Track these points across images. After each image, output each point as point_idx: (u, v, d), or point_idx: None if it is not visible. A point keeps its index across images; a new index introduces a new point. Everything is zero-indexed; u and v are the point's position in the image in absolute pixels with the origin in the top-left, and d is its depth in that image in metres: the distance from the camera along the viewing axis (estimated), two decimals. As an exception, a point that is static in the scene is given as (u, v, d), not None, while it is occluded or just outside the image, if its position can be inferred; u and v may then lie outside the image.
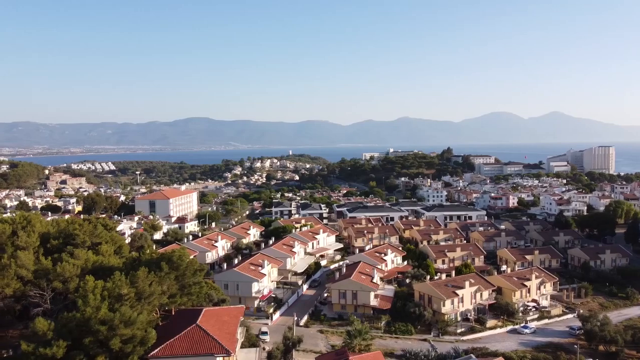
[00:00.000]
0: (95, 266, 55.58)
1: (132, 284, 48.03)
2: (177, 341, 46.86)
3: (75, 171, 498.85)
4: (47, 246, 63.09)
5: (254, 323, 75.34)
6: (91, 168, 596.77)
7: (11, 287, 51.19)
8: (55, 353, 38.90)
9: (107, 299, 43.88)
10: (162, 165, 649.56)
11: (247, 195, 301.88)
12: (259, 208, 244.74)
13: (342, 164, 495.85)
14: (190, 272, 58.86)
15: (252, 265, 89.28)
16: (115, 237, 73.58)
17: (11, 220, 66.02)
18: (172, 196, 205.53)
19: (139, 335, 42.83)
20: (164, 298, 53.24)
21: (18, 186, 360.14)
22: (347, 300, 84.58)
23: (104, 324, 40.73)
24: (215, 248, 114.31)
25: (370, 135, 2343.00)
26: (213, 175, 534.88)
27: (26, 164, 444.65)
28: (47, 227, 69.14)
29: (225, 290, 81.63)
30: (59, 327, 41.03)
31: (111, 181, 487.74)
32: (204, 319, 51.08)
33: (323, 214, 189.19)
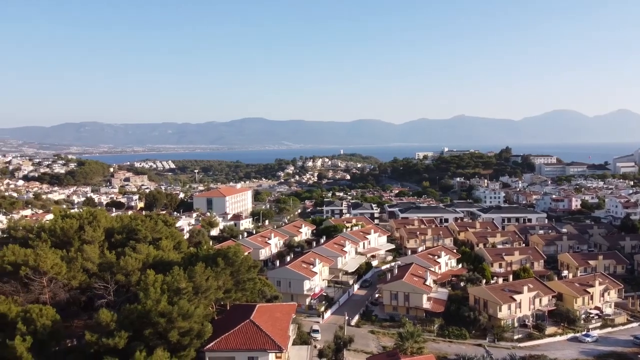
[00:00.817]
0: (156, 260, 57.91)
1: (190, 278, 49.75)
2: (232, 336, 48.09)
3: (137, 169, 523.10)
4: (112, 240, 66.48)
5: (305, 321, 76.05)
6: (153, 166, 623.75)
7: (77, 279, 54.28)
8: (117, 343, 40.87)
9: (166, 293, 45.67)
10: (219, 164, 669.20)
11: (299, 194, 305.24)
12: (311, 207, 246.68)
13: (394, 163, 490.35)
14: (245, 268, 60.20)
15: (303, 264, 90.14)
16: (174, 233, 76.40)
17: (78, 216, 70.04)
18: (228, 194, 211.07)
19: (196, 329, 44.29)
20: (220, 293, 54.76)
21: (85, 183, 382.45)
22: (398, 302, 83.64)
23: (163, 316, 42.40)
24: (269, 245, 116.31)
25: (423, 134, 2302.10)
26: (267, 174, 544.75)
27: (92, 162, 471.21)
28: (112, 222, 72.85)
29: (277, 287, 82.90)
30: (121, 319, 43.12)
31: (171, 179, 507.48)
32: (258, 314, 52.11)
33: (374, 214, 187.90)
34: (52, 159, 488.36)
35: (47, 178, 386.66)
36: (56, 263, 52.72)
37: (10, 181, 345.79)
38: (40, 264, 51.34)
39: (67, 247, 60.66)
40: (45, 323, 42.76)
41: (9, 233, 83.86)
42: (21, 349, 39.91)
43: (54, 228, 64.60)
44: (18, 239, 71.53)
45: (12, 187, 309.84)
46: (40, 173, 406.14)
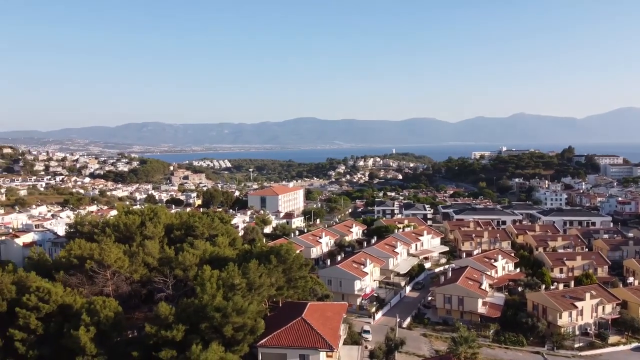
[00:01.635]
0: (212, 256, 59.63)
1: (244, 274, 50.92)
2: (284, 333, 48.78)
3: (196, 168, 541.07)
4: (171, 236, 69.10)
5: (356, 321, 75.84)
6: (210, 165, 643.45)
7: (139, 272, 56.86)
8: (175, 336, 42.45)
9: (221, 288, 46.97)
10: (272, 163, 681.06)
11: (350, 194, 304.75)
12: (362, 206, 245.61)
13: (448, 163, 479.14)
14: (297, 266, 60.88)
15: (354, 263, 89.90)
16: (230, 230, 78.40)
17: (140, 212, 73.24)
18: (280, 193, 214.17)
19: (249, 324, 45.25)
20: (272, 290, 55.67)
21: (147, 181, 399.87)
22: (452, 306, 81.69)
23: (218, 311, 43.62)
24: (320, 244, 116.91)
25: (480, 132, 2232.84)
26: (318, 173, 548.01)
27: (154, 161, 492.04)
28: (171, 219, 75.70)
29: (328, 286, 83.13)
30: (179, 312, 44.74)
31: (227, 177, 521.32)
32: (309, 312, 52.56)
33: (427, 215, 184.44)
34: (117, 157, 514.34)
35: (112, 176, 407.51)
36: (119, 257, 55.46)
37: (78, 178, 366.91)
38: (105, 258, 54.17)
39: (130, 242, 63.66)
40: (108, 314, 45.02)
41: (75, 228, 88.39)
42: (85, 339, 42.24)
43: (118, 223, 67.93)
44: (84, 234, 75.52)
45: (79, 184, 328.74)
46: (105, 171, 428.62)
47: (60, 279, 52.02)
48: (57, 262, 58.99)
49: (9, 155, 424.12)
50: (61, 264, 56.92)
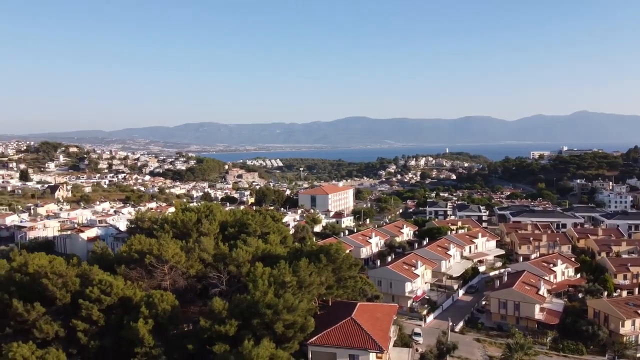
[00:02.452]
0: (264, 254, 60.70)
1: (295, 272, 51.51)
2: (333, 332, 48.94)
3: (249, 167, 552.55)
4: (225, 233, 70.93)
5: (406, 323, 74.93)
6: (262, 164, 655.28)
7: (195, 268, 58.74)
8: (228, 331, 43.55)
9: (273, 285, 47.76)
10: (323, 163, 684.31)
11: (401, 194, 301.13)
12: (413, 207, 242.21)
13: (505, 163, 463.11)
14: (346, 265, 60.89)
15: (405, 265, 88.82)
16: (281, 228, 79.47)
17: (197, 209, 75.77)
18: (330, 192, 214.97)
19: (300, 322, 45.73)
20: (322, 289, 55.97)
21: (203, 179, 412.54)
22: (507, 311, 79.00)
23: (269, 308, 44.36)
24: (370, 244, 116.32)
25: (539, 131, 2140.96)
26: (368, 173, 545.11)
27: (210, 160, 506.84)
28: (226, 216, 77.74)
29: (378, 286, 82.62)
30: (232, 307, 45.85)
31: (279, 176, 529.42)
32: (359, 313, 52.46)
33: (482, 217, 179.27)
34: (175, 156, 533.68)
35: (170, 174, 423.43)
36: (176, 252, 57.50)
37: (139, 176, 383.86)
38: (163, 253, 56.32)
39: (186, 238, 65.90)
40: (166, 308, 46.80)
41: (136, 224, 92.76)
42: (143, 331, 44.12)
43: (175, 220, 70.58)
44: (144, 230, 79.12)
45: (139, 181, 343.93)
46: (164, 169, 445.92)
47: (121, 273, 54.50)
48: (119, 256, 61.94)
49: (75, 154, 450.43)
50: (122, 258, 59.71)
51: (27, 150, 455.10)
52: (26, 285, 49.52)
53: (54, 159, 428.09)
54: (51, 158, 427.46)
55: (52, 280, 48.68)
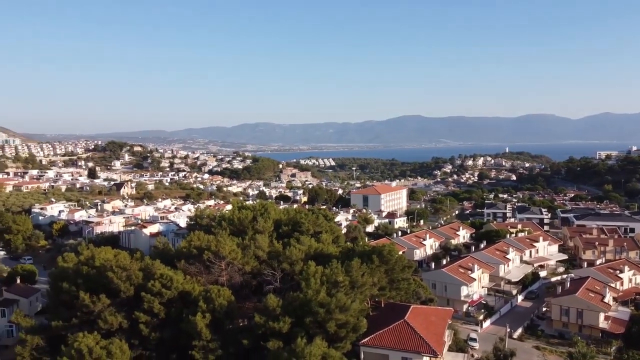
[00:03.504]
0: (317, 253, 61.07)
1: (347, 272, 51.52)
2: (386, 333, 48.57)
3: (302, 166, 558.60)
4: (279, 231, 72.02)
5: (461, 327, 73.10)
6: (315, 163, 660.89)
7: (250, 264, 60.03)
8: (282, 328, 44.23)
9: (325, 284, 48.01)
10: (375, 162, 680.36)
11: (457, 194, 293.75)
12: (469, 208, 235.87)
13: (569, 163, 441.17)
14: (399, 267, 60.20)
15: (461, 268, 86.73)
16: (333, 227, 79.74)
17: (252, 208, 77.37)
18: (383, 192, 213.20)
19: (352, 322, 45.72)
20: (374, 290, 55.68)
21: (258, 178, 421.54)
22: (569, 318, 75.27)
23: (322, 306, 44.64)
24: (424, 246, 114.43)
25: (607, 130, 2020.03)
26: (422, 173, 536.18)
27: (265, 159, 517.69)
28: (280, 214, 78.92)
29: (432, 289, 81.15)
30: (286, 305, 46.52)
31: (331, 176, 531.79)
32: (412, 315, 51.75)
33: (544, 220, 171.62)
34: (232, 155, 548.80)
35: (228, 172, 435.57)
36: (233, 249, 58.99)
37: (198, 175, 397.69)
38: (220, 249, 57.93)
39: (242, 235, 67.49)
40: (222, 303, 48.17)
41: (195, 220, 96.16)
42: (201, 325, 45.64)
43: (232, 218, 72.46)
44: (203, 226, 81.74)
45: (199, 180, 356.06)
46: (222, 168, 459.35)
47: (181, 268, 56.58)
48: (179, 251, 64.36)
49: (139, 153, 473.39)
50: (182, 253, 62.00)
51: (95, 149, 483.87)
52: (93, 278, 52.46)
53: (120, 157, 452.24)
54: (117, 157, 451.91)
55: (117, 274, 51.28)
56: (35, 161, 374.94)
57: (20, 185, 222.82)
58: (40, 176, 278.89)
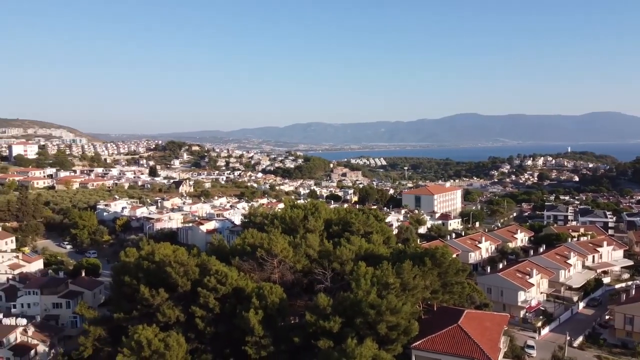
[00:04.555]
0: (367, 253, 60.93)
1: (398, 274, 51.02)
2: (438, 337, 47.72)
3: (353, 165, 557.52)
4: (330, 231, 72.45)
5: (518, 334, 70.64)
6: (366, 163, 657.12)
7: (301, 263, 60.71)
8: (332, 327, 44.44)
9: (375, 285, 47.80)
10: (428, 162, 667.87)
11: (515, 196, 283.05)
12: (528, 210, 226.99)
13: (636, 163, 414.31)
14: (453, 270, 58.93)
15: (518, 272, 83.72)
16: (384, 228, 79.24)
17: (303, 207, 78.18)
18: (436, 192, 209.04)
19: (403, 325, 45.26)
20: (427, 293, 54.80)
21: (309, 177, 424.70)
22: (634, 327, 70.85)
23: (372, 308, 44.48)
24: (479, 249, 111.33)
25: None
26: (478, 173, 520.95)
27: (316, 159, 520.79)
28: (330, 214, 79.29)
29: (488, 294, 78.85)
30: (336, 305, 46.69)
31: (382, 175, 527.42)
32: (466, 320, 50.54)
33: (608, 223, 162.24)
34: (284, 155, 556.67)
35: (280, 172, 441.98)
36: (285, 247, 59.90)
37: (252, 173, 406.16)
38: (273, 247, 58.96)
39: (294, 233, 68.40)
40: (274, 300, 49.03)
41: (249, 218, 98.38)
42: (254, 321, 46.66)
43: (284, 216, 73.64)
44: (256, 224, 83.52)
45: (253, 178, 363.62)
46: (275, 167, 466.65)
47: (235, 264, 58.10)
48: (233, 248, 66.15)
49: (197, 152, 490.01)
50: (236, 250, 63.69)
51: (156, 148, 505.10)
52: (152, 272, 54.91)
53: (179, 156, 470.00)
54: (176, 156, 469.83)
55: (175, 269, 53.39)
56: (100, 160, 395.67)
57: (87, 182, 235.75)
58: (105, 174, 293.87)
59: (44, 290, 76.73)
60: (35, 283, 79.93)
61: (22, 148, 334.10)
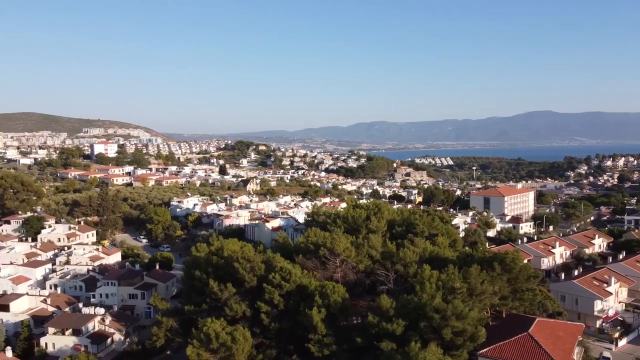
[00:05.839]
0: (431, 256, 59.69)
1: (465, 279, 49.58)
2: (507, 345, 45.93)
3: (417, 165, 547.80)
4: (392, 232, 71.68)
5: (593, 345, 66.39)
6: (431, 162, 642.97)
7: (363, 263, 60.61)
8: (395, 330, 43.97)
9: (441, 290, 46.74)
10: (499, 162, 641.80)
11: (593, 199, 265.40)
12: (607, 214, 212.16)
13: None
14: (524, 276, 56.46)
15: (595, 280, 78.64)
16: (450, 230, 77.27)
17: (366, 206, 77.92)
18: (507, 194, 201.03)
19: (469, 331, 43.96)
20: (495, 299, 52.88)
21: (372, 176, 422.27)
22: None
23: (437, 312, 43.55)
24: (552, 255, 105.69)
25: None
26: (553, 174, 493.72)
27: (379, 158, 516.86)
28: (393, 214, 78.52)
29: (561, 302, 74.81)
30: (399, 307, 46.15)
31: (449, 175, 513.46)
32: (536, 329, 48.29)
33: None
34: (347, 154, 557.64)
35: (343, 171, 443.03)
36: (347, 247, 60.06)
37: (315, 173, 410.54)
38: (335, 247, 59.32)
39: (356, 233, 68.42)
40: (337, 299, 49.29)
41: (312, 217, 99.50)
42: (317, 319, 47.15)
43: (347, 216, 73.81)
44: (319, 223, 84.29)
45: (316, 177, 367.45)
46: (338, 166, 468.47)
47: (299, 262, 59.04)
48: (297, 246, 67.24)
49: (263, 152, 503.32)
50: (300, 248, 64.67)
51: (225, 148, 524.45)
52: (221, 267, 56.99)
53: (247, 155, 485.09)
54: (244, 155, 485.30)
55: (242, 265, 55.10)
56: (174, 159, 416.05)
57: (161, 180, 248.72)
58: (178, 172, 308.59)
59: (121, 281, 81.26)
60: (114, 274, 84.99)
61: (103, 147, 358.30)
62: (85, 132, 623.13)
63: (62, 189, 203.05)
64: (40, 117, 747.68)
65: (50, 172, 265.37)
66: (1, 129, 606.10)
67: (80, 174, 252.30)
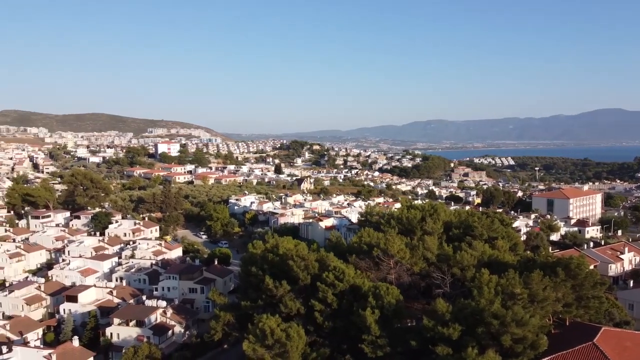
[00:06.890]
0: (490, 260, 57.88)
1: (526, 284, 47.66)
2: (570, 355, 43.77)
3: (476, 165, 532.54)
4: (449, 234, 69.98)
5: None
6: (491, 162, 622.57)
7: (418, 265, 59.69)
8: (451, 334, 42.97)
9: (500, 295, 45.22)
10: (563, 162, 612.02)
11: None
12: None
13: None
14: (589, 283, 53.50)
15: (671, 290, 73.31)
16: (510, 234, 74.43)
17: (421, 207, 76.55)
18: (572, 196, 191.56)
19: (530, 338, 42.26)
20: (558, 306, 50.47)
21: (428, 176, 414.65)
22: None
23: (496, 318, 42.17)
24: (621, 260, 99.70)
25: None
26: (622, 175, 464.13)
27: (435, 157, 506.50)
28: (450, 216, 76.64)
29: (629, 311, 70.44)
30: (455, 311, 45.05)
31: (509, 176, 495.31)
32: (602, 338, 45.66)
33: None
34: (402, 154, 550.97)
35: (397, 171, 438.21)
36: (401, 248, 59.39)
37: (369, 172, 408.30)
38: (389, 248, 58.83)
39: (411, 235, 67.46)
40: (391, 301, 48.87)
41: (366, 217, 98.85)
42: (370, 320, 46.96)
43: (401, 217, 72.88)
44: (372, 223, 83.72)
45: (369, 177, 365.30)
46: (392, 166, 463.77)
47: (352, 262, 59.06)
48: (350, 246, 67.28)
49: (317, 151, 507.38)
50: (353, 248, 64.68)
51: (281, 147, 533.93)
52: (276, 265, 58.07)
53: (301, 155, 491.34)
54: (299, 154, 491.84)
55: (297, 263, 55.87)
56: (232, 158, 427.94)
57: (221, 178, 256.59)
58: (236, 171, 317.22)
59: (182, 275, 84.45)
60: (175, 269, 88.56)
61: (166, 146, 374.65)
62: (150, 132, 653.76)
63: (128, 186, 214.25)
64: (108, 118, 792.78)
65: (117, 170, 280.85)
66: (72, 128, 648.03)
67: (144, 172, 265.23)
